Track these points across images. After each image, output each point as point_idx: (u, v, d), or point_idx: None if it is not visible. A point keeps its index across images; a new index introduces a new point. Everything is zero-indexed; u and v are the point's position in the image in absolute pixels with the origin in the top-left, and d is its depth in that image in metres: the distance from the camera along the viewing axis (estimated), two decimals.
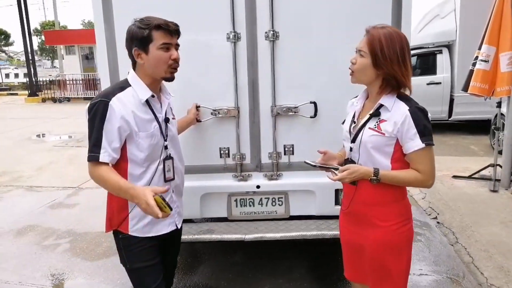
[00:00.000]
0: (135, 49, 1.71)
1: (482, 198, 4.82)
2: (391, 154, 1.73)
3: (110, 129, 1.66)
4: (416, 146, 1.65)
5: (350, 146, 1.82)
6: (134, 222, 1.82)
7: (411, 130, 1.64)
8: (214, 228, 2.78)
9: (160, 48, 1.71)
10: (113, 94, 1.69)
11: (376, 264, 1.83)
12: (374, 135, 1.72)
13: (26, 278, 3.35)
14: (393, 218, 1.78)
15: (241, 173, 2.75)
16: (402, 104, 1.69)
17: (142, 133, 1.73)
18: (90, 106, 1.69)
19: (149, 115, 1.77)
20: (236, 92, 2.62)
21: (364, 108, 1.84)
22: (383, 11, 2.51)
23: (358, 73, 1.72)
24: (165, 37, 1.71)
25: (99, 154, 1.66)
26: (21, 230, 4.38)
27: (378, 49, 1.64)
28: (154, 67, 1.74)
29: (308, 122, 2.65)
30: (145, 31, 1.68)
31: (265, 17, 2.53)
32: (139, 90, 1.75)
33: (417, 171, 1.69)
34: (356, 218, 1.87)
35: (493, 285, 3.00)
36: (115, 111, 1.66)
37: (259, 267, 3.37)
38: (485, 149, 7.23)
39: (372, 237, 1.80)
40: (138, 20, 1.72)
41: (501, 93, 4.85)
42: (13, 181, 6.31)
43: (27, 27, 19.44)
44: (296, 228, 2.73)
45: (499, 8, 4.76)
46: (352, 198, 1.83)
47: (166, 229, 1.91)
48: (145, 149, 1.75)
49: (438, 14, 9.19)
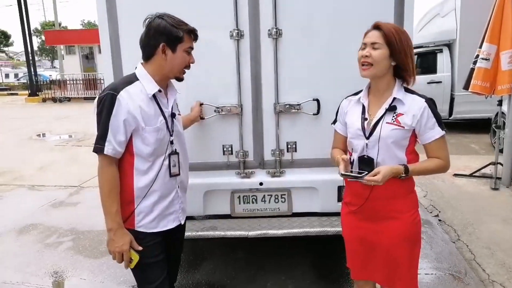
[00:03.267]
0: (163, 45, 1.73)
1: (483, 196, 4.84)
2: (406, 146, 1.80)
3: (115, 123, 1.68)
4: (437, 135, 1.76)
5: (366, 143, 1.81)
6: (141, 217, 1.82)
7: (430, 120, 1.75)
8: (217, 225, 2.79)
9: (185, 51, 1.78)
10: (121, 88, 1.71)
11: (392, 257, 1.86)
12: (395, 129, 1.76)
13: (29, 276, 3.36)
14: (409, 209, 1.86)
15: (244, 170, 2.76)
16: (416, 97, 1.78)
17: (148, 127, 1.74)
18: (99, 99, 1.72)
19: (156, 110, 1.78)
20: (239, 90, 2.63)
21: (371, 104, 1.86)
22: (386, 9, 2.52)
23: (376, 64, 1.75)
24: (191, 42, 1.80)
25: (103, 146, 1.68)
26: (24, 228, 4.39)
27: (394, 40, 1.72)
28: (174, 66, 1.78)
29: (311, 119, 2.66)
30: (180, 32, 1.73)
31: (268, 15, 2.54)
32: (147, 84, 1.76)
33: (438, 158, 1.80)
34: (370, 215, 1.88)
35: (495, 282, 3.02)
36: (122, 105, 1.68)
37: (262, 264, 3.38)
38: (486, 147, 7.24)
39: (390, 230, 1.84)
40: (166, 17, 1.74)
41: (502, 91, 4.87)
42: (15, 181, 6.32)
43: (27, 27, 19.43)
44: (299, 225, 2.74)
45: (499, 7, 4.78)
46: (368, 197, 1.83)
47: (172, 224, 1.92)
48: (152, 144, 1.76)
49: (439, 13, 9.20)
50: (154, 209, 1.84)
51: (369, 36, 1.77)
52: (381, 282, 1.98)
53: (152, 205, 1.83)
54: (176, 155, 1.88)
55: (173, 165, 1.86)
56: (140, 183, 1.79)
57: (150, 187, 1.80)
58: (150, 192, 1.80)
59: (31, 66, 19.99)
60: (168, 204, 1.88)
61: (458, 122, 8.91)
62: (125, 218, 1.80)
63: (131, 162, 1.77)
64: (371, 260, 1.94)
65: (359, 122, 1.85)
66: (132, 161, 1.78)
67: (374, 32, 1.76)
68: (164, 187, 1.85)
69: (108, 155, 1.70)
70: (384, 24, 1.76)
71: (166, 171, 1.84)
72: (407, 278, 1.90)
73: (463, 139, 8.04)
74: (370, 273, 1.98)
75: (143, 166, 1.79)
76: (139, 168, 1.78)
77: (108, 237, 1.76)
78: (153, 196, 1.82)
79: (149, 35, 1.74)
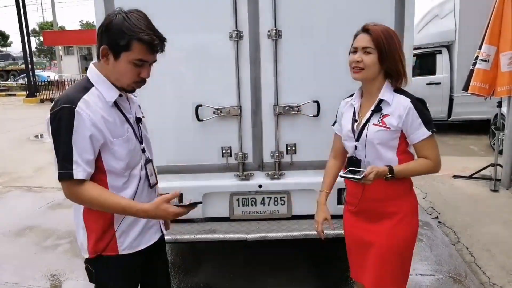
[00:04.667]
0: (104, 47, 1.47)
1: (483, 198, 4.83)
2: (396, 147, 1.80)
3: (80, 140, 1.43)
4: (423, 135, 1.74)
5: (355, 145, 1.83)
6: (123, 239, 1.61)
7: (416, 121, 1.73)
8: (216, 227, 2.77)
9: (131, 62, 1.47)
10: (77, 98, 1.45)
11: (383, 259, 1.83)
12: (380, 131, 1.76)
13: (26, 279, 3.33)
14: (405, 210, 1.85)
15: (243, 173, 2.74)
16: (402, 97, 1.77)
17: (117, 139, 1.52)
18: (52, 115, 1.44)
19: (120, 117, 1.56)
20: (238, 91, 2.61)
21: (362, 106, 1.88)
22: (386, 9, 2.51)
23: (368, 69, 1.75)
24: (143, 53, 1.47)
25: (72, 171, 1.42)
26: (21, 230, 4.36)
27: (382, 46, 1.70)
28: (116, 76, 1.52)
29: (311, 121, 2.64)
30: (124, 39, 1.43)
31: (268, 16, 2.52)
32: (105, 90, 1.52)
33: (426, 158, 1.78)
34: (366, 215, 1.89)
35: (496, 284, 3.00)
36: (83, 118, 1.43)
37: (261, 266, 3.36)
38: (485, 149, 7.23)
39: (384, 230, 1.83)
40: (124, 15, 1.45)
41: (502, 92, 4.86)
42: (12, 182, 6.28)
43: (25, 28, 19.38)
44: (298, 228, 2.72)
45: (499, 8, 4.77)
46: (360, 197, 1.84)
47: (155, 237, 1.73)
48: (124, 157, 1.55)
49: (438, 15, 9.20)
50: (136, 225, 1.63)
51: (359, 40, 1.77)
52: (369, 285, 1.91)
53: (134, 222, 1.62)
54: (150, 163, 1.70)
55: (150, 174, 1.69)
56: None
57: None
58: None
59: (29, 66, 19.93)
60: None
61: (457, 123, 8.90)
62: (105, 246, 1.58)
63: (103, 180, 1.54)
64: (363, 261, 1.93)
65: (349, 124, 1.87)
66: (105, 180, 1.54)
67: (365, 36, 1.75)
68: (145, 200, 1.63)
69: (77, 179, 1.44)
70: (373, 27, 1.74)
71: (145, 183, 1.65)
72: (396, 283, 1.88)
73: (462, 141, 8.04)
74: (361, 275, 1.96)
75: (118, 183, 1.56)
76: (114, 186, 1.55)
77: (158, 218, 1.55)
78: None
79: (98, 32, 1.50)
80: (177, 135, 2.66)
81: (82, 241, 1.61)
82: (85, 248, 1.61)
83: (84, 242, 1.61)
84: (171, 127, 2.66)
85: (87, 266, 1.67)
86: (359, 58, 1.74)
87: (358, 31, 1.80)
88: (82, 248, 1.63)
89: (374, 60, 1.73)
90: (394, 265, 1.85)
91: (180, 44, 2.59)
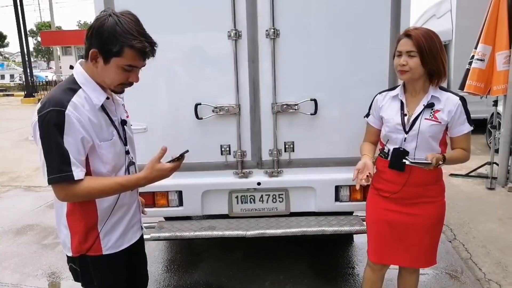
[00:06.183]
0: (94, 51, 1.45)
1: (479, 196, 4.87)
2: (440, 139, 2.03)
3: (73, 143, 1.42)
4: (466, 129, 2.02)
5: (405, 137, 2.01)
6: (107, 239, 1.63)
7: (462, 117, 1.99)
8: (215, 224, 2.79)
9: (121, 67, 1.47)
10: (67, 100, 1.43)
11: (424, 237, 2.10)
12: (433, 125, 1.97)
13: (26, 277, 3.35)
14: (441, 194, 2.13)
15: (242, 170, 2.77)
16: (451, 95, 2.01)
17: (103, 143, 1.52)
18: (41, 119, 1.41)
19: (106, 120, 1.56)
20: (237, 90, 2.64)
21: (408, 101, 2.05)
22: (383, 10, 2.54)
23: (414, 71, 1.93)
24: (134, 60, 1.47)
25: (71, 173, 1.41)
26: (21, 229, 4.38)
27: (424, 49, 1.89)
28: (105, 79, 1.51)
29: (309, 119, 2.67)
30: (116, 46, 1.42)
31: (266, 15, 2.55)
32: (92, 93, 1.51)
33: (463, 149, 2.05)
34: (406, 201, 2.09)
35: (491, 280, 3.04)
36: (73, 121, 1.42)
37: (260, 263, 3.39)
38: (481, 147, 7.28)
39: (426, 212, 2.08)
40: (116, 19, 1.43)
41: (498, 91, 4.91)
42: (11, 181, 6.30)
43: (23, 28, 19.35)
44: (296, 225, 2.75)
45: (495, 8, 4.82)
46: (405, 183, 2.04)
47: (136, 235, 1.77)
48: (111, 160, 1.56)
49: (434, 14, 9.25)
50: (120, 225, 1.66)
51: (402, 44, 1.95)
52: (404, 263, 2.20)
53: (117, 221, 1.65)
54: (133, 165, 1.72)
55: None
56: (104, 204, 1.59)
57: (114, 206, 1.62)
58: (116, 209, 1.63)
59: (27, 67, 19.91)
60: (131, 215, 1.73)
61: None
62: (89, 247, 1.59)
63: None
64: (397, 243, 2.13)
65: (398, 117, 2.04)
66: None
67: (407, 41, 1.93)
68: (128, 199, 1.69)
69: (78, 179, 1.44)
70: (414, 31, 1.93)
71: None
72: (431, 254, 2.16)
73: None
74: (394, 256, 2.16)
75: None
76: None
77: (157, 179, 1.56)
78: (119, 212, 1.65)
79: (88, 33, 1.47)
80: (176, 133, 2.69)
81: (65, 239, 1.62)
82: (68, 246, 1.62)
83: (67, 241, 1.61)
84: (170, 125, 2.69)
85: (71, 266, 1.68)
86: (404, 62, 1.93)
87: (401, 35, 2.01)
88: (65, 246, 1.64)
89: (418, 62, 1.91)
90: (438, 238, 2.16)
91: (179, 43, 2.63)
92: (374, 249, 2.22)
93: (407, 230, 2.10)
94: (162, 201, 2.78)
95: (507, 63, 4.78)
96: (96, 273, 1.65)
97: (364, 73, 2.62)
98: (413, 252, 2.13)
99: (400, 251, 2.14)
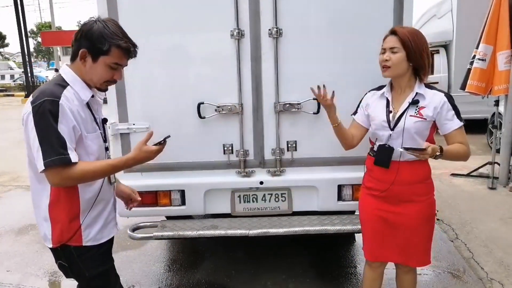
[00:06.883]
0: (84, 50, 1.60)
1: (481, 195, 4.87)
2: (426, 136, 2.02)
3: (66, 130, 1.54)
4: (456, 125, 1.99)
5: (390, 134, 2.03)
6: (88, 232, 1.71)
7: (450, 113, 1.98)
8: (218, 224, 2.80)
9: (108, 65, 1.63)
10: (59, 92, 1.56)
11: (412, 235, 2.09)
12: (418, 121, 1.98)
13: (28, 276, 3.36)
14: (429, 192, 2.11)
15: (245, 169, 2.77)
16: (436, 91, 2.01)
17: (90, 134, 1.66)
18: (35, 108, 1.51)
19: (90, 116, 1.69)
20: (239, 89, 2.64)
21: (394, 99, 2.06)
22: (386, 10, 2.54)
23: (395, 67, 1.97)
24: (120, 58, 1.64)
25: (68, 155, 1.52)
26: (22, 229, 4.38)
27: (409, 44, 1.92)
28: (92, 76, 1.65)
29: (311, 119, 2.67)
30: (106, 45, 1.58)
31: (269, 14, 2.55)
32: (80, 90, 1.65)
33: (460, 143, 2.02)
34: (395, 199, 2.09)
35: (493, 280, 3.04)
36: (66, 111, 1.54)
37: (262, 263, 3.39)
38: (483, 147, 7.28)
39: (412, 212, 2.07)
40: (104, 23, 1.61)
41: (499, 91, 4.91)
42: (12, 181, 6.30)
43: (23, 28, 19.36)
44: (299, 224, 2.75)
45: (496, 8, 4.82)
46: (393, 181, 2.04)
47: (113, 231, 1.86)
48: (95, 152, 1.68)
49: (435, 14, 9.25)
50: (99, 219, 1.76)
51: (387, 41, 1.99)
52: (397, 260, 2.20)
53: (97, 216, 1.75)
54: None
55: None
56: (86, 195, 1.68)
57: (96, 198, 1.72)
58: (96, 203, 1.72)
59: (27, 67, 19.92)
60: (109, 211, 1.82)
61: None
62: (70, 236, 1.67)
63: None
64: (389, 241, 2.13)
65: (383, 114, 2.06)
66: None
67: (392, 37, 1.97)
68: (107, 195, 1.79)
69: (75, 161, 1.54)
70: (400, 29, 1.98)
71: (106, 180, 1.78)
72: (422, 253, 2.15)
73: None
74: (388, 253, 2.16)
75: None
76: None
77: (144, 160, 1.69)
78: (99, 206, 1.75)
79: (77, 36, 1.62)
80: (179, 132, 2.69)
81: (46, 231, 1.69)
82: (49, 238, 1.69)
83: (48, 232, 1.69)
84: (173, 124, 2.68)
85: (60, 263, 1.75)
86: (387, 57, 1.97)
87: (386, 34, 2.03)
88: (46, 238, 1.71)
89: (401, 58, 1.94)
90: (428, 237, 2.15)
91: (182, 43, 2.63)
92: (368, 247, 2.24)
93: (396, 229, 2.11)
94: (164, 200, 2.78)
95: (509, 63, 4.78)
96: (84, 264, 1.73)
97: (367, 72, 2.61)
98: (403, 250, 2.14)
99: (393, 248, 2.15)
